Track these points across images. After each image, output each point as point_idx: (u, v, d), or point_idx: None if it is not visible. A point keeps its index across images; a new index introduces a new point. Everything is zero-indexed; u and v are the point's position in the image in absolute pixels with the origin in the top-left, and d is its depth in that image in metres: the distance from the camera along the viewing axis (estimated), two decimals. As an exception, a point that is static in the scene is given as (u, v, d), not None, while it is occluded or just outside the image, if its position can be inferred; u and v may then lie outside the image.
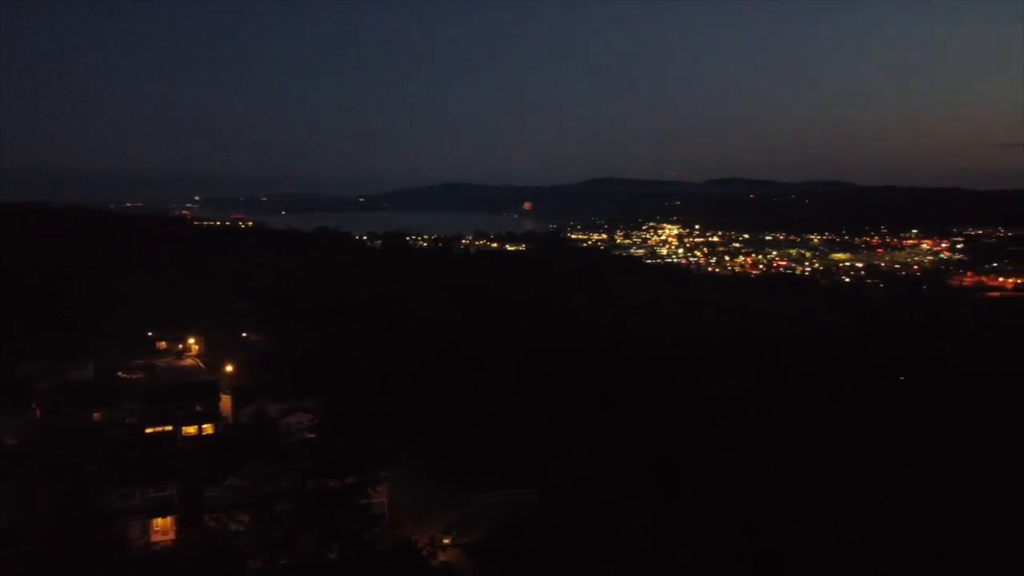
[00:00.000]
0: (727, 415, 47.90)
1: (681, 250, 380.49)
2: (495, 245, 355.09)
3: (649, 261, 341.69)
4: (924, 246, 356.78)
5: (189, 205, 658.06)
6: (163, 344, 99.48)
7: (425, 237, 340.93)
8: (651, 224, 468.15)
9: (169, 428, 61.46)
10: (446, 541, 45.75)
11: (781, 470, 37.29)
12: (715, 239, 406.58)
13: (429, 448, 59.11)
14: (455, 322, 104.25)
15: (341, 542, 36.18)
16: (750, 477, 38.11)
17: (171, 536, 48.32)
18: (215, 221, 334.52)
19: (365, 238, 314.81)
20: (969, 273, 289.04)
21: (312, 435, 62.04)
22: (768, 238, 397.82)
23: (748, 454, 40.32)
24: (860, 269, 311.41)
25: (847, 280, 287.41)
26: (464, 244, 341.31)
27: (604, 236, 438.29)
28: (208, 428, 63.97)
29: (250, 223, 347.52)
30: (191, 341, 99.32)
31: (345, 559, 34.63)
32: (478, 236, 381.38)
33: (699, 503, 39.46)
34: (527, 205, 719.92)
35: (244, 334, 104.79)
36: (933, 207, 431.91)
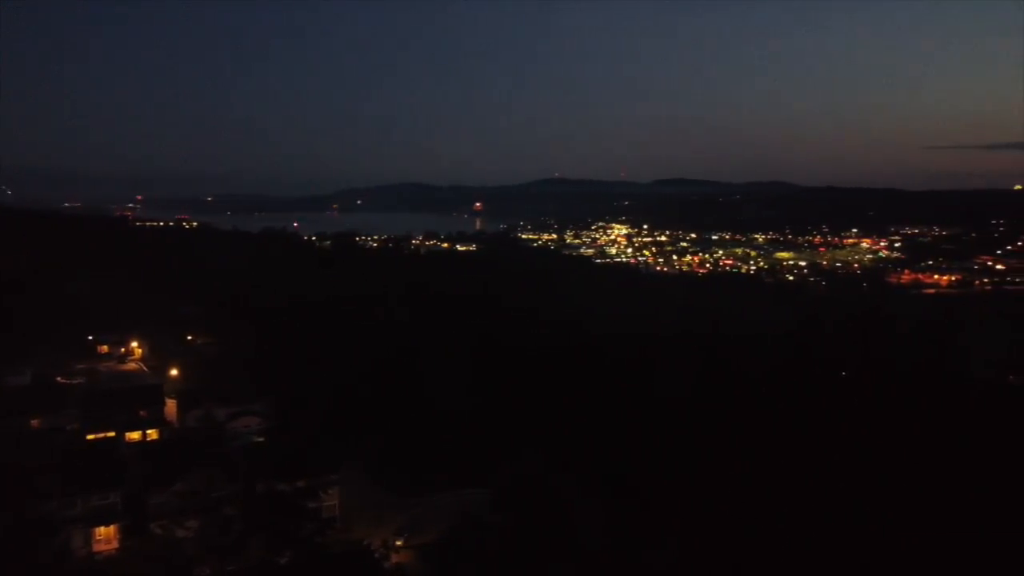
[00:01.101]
0: (677, 413, 48.78)
1: (630, 250, 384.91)
2: (446, 245, 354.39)
3: (599, 261, 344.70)
4: (864, 245, 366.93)
5: (131, 205, 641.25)
6: (104, 348, 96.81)
7: (375, 237, 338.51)
8: (600, 224, 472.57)
9: (111, 434, 59.98)
10: (398, 543, 45.62)
11: (731, 466, 38.12)
12: (663, 239, 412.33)
13: (381, 450, 58.81)
14: (405, 323, 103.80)
15: (291, 546, 35.90)
16: (701, 474, 38.89)
17: (115, 545, 47.16)
18: (158, 221, 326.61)
19: (314, 239, 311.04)
20: (906, 271, 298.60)
21: (261, 439, 61.42)
22: (714, 237, 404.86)
23: (698, 451, 41.15)
24: (803, 267, 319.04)
25: (791, 278, 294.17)
26: (414, 244, 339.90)
27: (554, 236, 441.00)
28: (153, 433, 62.54)
29: (195, 223, 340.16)
30: (134, 344, 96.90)
31: (296, 563, 34.39)
32: (428, 236, 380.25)
33: (651, 500, 40.12)
34: (478, 205, 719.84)
35: (190, 337, 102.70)
36: (871, 207, 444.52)
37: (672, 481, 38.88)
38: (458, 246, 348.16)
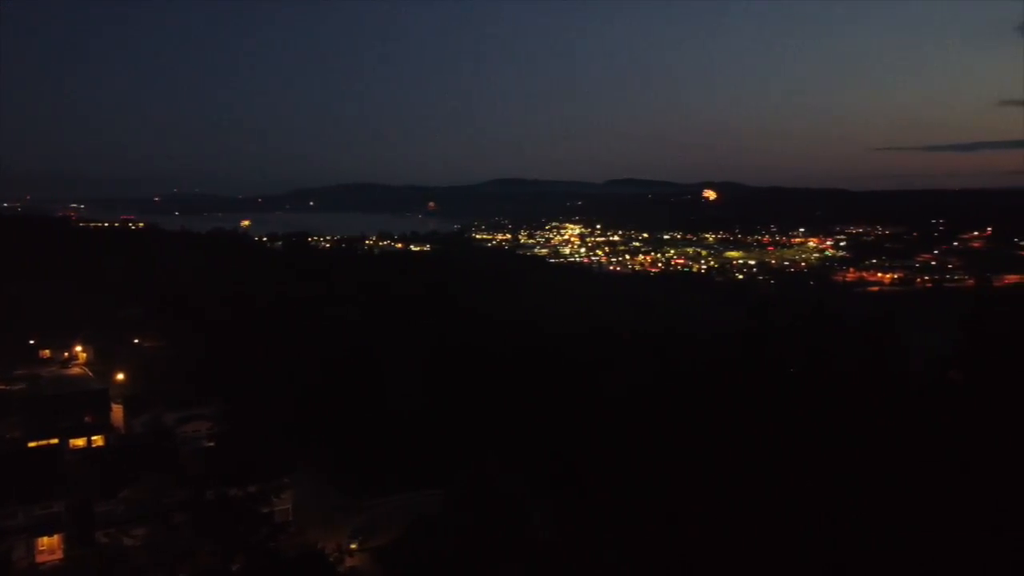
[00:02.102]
0: (630, 411, 49.32)
1: (583, 249, 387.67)
2: (399, 246, 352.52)
3: (553, 260, 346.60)
4: (810, 244, 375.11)
5: (74, 205, 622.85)
6: (47, 352, 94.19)
7: (327, 238, 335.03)
8: (554, 224, 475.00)
9: (55, 441, 58.43)
10: (353, 546, 45.30)
11: (684, 465, 38.62)
12: (616, 238, 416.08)
13: (334, 452, 58.33)
14: (359, 324, 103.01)
15: (243, 552, 35.39)
16: (654, 472, 39.34)
17: (59, 555, 45.95)
18: (102, 222, 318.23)
19: (265, 239, 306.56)
20: (851, 269, 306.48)
21: (211, 443, 60.41)
22: (666, 237, 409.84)
23: (651, 449, 41.64)
24: (752, 266, 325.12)
25: (740, 277, 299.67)
26: (367, 245, 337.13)
27: (508, 236, 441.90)
28: (98, 440, 61.10)
29: (141, 224, 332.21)
30: (78, 349, 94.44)
31: (247, 570, 33.88)
32: (382, 237, 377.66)
33: (606, 498, 40.47)
34: (431, 205, 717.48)
35: (136, 340, 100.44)
36: (818, 207, 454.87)
37: (627, 479, 39.31)
38: (412, 246, 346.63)
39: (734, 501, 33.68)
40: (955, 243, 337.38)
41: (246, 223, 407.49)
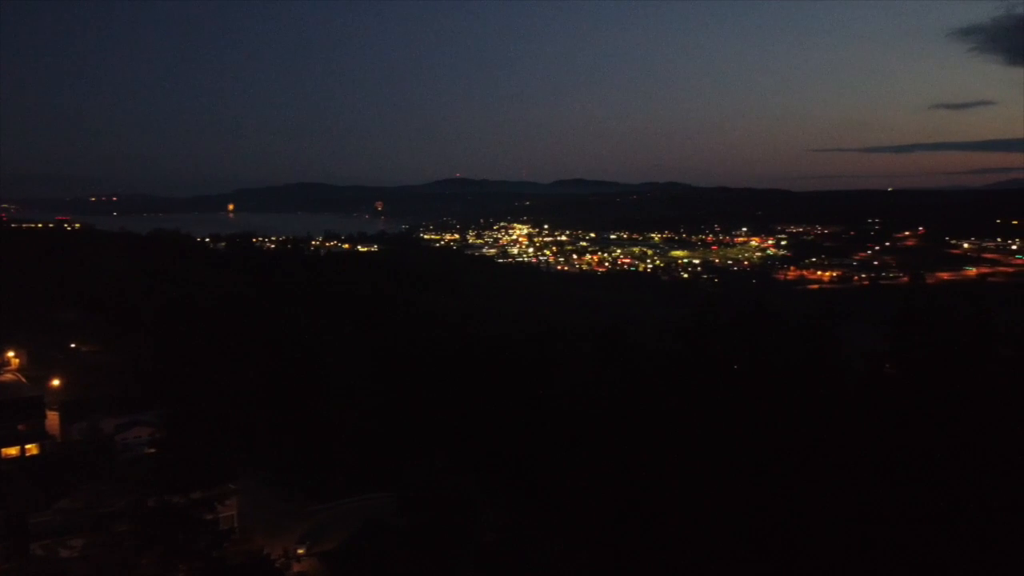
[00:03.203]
0: (578, 410, 49.69)
1: (531, 249, 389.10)
2: (346, 246, 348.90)
3: (501, 260, 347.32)
4: (753, 243, 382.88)
5: (5, 206, 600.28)
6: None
7: (272, 239, 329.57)
8: (502, 224, 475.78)
9: (-15, 450, 56.33)
10: (300, 551, 44.70)
11: (631, 461, 39.07)
12: (563, 238, 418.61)
13: (280, 457, 57.43)
14: (304, 325, 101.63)
15: (187, 561, 34.67)
16: (602, 470, 39.71)
17: (-9, 568, 44.30)
18: (36, 223, 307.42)
19: (207, 240, 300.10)
20: (792, 268, 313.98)
21: (152, 450, 58.83)
22: (613, 237, 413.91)
23: (599, 447, 42.02)
24: (697, 265, 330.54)
25: (685, 276, 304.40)
26: (314, 245, 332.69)
27: (456, 236, 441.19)
28: (32, 448, 59.03)
29: (77, 225, 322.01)
30: (10, 354, 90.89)
31: (192, 578, 33.22)
32: (328, 237, 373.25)
33: (554, 497, 40.71)
34: (379, 205, 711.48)
35: (73, 345, 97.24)
36: (760, 207, 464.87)
37: (574, 477, 39.60)
38: (359, 247, 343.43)
39: (682, 496, 34.26)
40: (890, 242, 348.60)
41: (188, 225, 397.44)
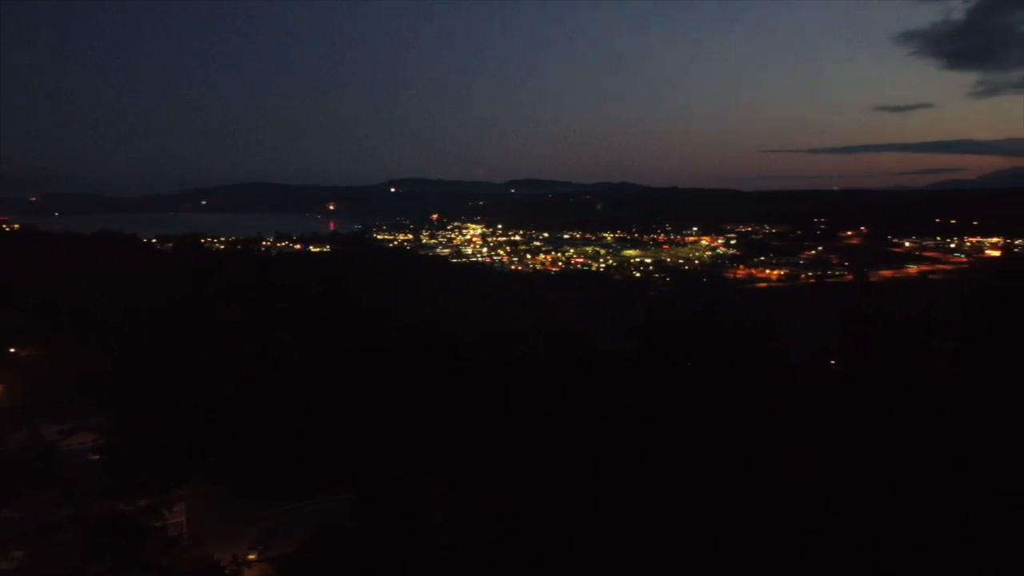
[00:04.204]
0: (535, 410, 49.85)
1: (485, 249, 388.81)
2: (298, 247, 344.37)
3: (455, 260, 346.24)
4: (704, 242, 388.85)
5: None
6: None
7: (222, 239, 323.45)
8: (456, 224, 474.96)
9: (-81, 460, 54.22)
10: (251, 557, 44.03)
11: (589, 462, 39.34)
12: (517, 238, 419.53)
13: (233, 460, 56.40)
14: (255, 326, 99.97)
15: (133, 570, 33.85)
16: (558, 470, 39.91)
17: (-74, 582, 42.64)
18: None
19: (155, 240, 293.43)
20: (741, 266, 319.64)
21: (97, 456, 57.37)
22: (566, 236, 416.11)
23: (555, 447, 42.22)
24: (649, 264, 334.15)
25: (638, 275, 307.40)
26: (265, 246, 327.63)
27: (410, 236, 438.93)
28: (-31, 457, 57.04)
29: (16, 225, 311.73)
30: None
31: (139, 587, 32.41)
32: (280, 237, 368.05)
33: (513, 499, 40.78)
34: (331, 206, 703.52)
35: (12, 349, 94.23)
36: (710, 206, 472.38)
37: (531, 478, 39.71)
38: (311, 247, 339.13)
39: (636, 496, 34.61)
40: (835, 241, 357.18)
41: (136, 225, 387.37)
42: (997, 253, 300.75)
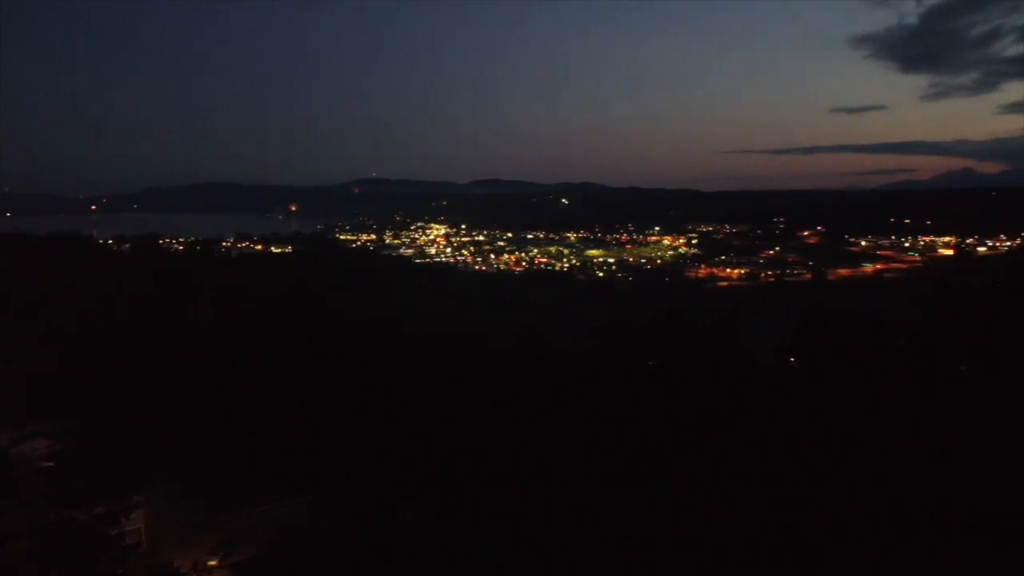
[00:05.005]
0: (499, 411, 49.86)
1: (449, 249, 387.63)
2: (259, 247, 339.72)
3: (418, 261, 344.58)
4: (665, 242, 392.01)
5: None
6: None
7: (181, 240, 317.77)
8: (419, 224, 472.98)
9: None
10: (211, 563, 43.31)
11: (552, 462, 39.43)
12: (481, 238, 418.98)
13: (193, 465, 55.44)
14: (216, 327, 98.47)
15: (89, 578, 33.15)
16: (522, 469, 39.95)
17: None
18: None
19: (111, 241, 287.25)
20: (703, 266, 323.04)
21: (51, 463, 55.97)
22: (530, 236, 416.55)
23: (518, 447, 42.26)
24: (612, 264, 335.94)
25: (601, 274, 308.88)
26: (225, 247, 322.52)
27: (373, 236, 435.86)
28: (-85, 466, 55.26)
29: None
30: None
31: (95, 596, 31.80)
32: (240, 238, 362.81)
33: (477, 500, 40.71)
34: (293, 206, 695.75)
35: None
36: (672, 206, 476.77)
37: (495, 479, 39.71)
38: (272, 247, 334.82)
39: (600, 493, 34.77)
40: (794, 240, 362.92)
41: (91, 225, 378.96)
42: (950, 252, 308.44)
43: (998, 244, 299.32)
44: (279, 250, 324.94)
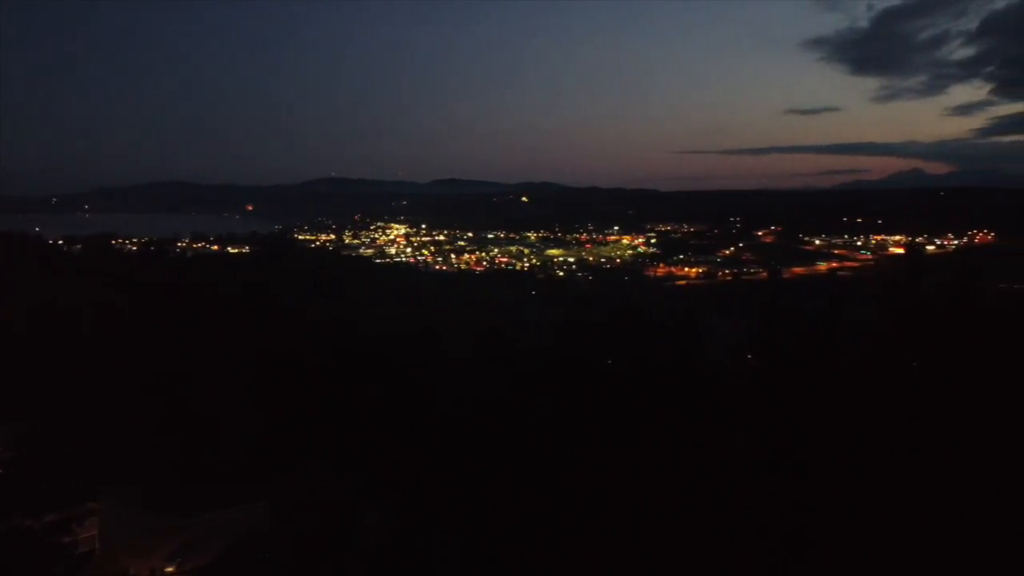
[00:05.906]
0: (460, 410, 49.80)
1: (409, 249, 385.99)
2: (215, 247, 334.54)
3: (379, 261, 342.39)
4: (625, 241, 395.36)
5: None
6: None
7: (135, 240, 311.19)
8: (379, 224, 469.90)
9: None
10: (169, 570, 42.53)
11: (516, 462, 39.53)
12: (441, 237, 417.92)
13: (150, 471, 54.34)
14: (171, 329, 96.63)
15: (42, 588, 32.34)
16: (485, 469, 39.97)
17: None
18: None
19: (61, 242, 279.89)
20: (661, 264, 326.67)
21: (0, 471, 54.43)
22: (490, 236, 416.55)
23: (483, 448, 42.28)
24: (572, 263, 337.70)
25: (561, 274, 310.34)
26: (180, 247, 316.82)
27: (332, 236, 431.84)
28: None
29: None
30: None
31: (48, 606, 31.04)
32: (196, 238, 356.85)
33: (441, 500, 40.62)
34: (250, 206, 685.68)
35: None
36: (630, 206, 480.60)
37: (462, 480, 39.66)
38: (229, 248, 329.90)
39: (561, 494, 34.94)
40: (750, 239, 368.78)
41: (40, 226, 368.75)
42: (900, 251, 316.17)
43: (946, 243, 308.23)
44: (236, 251, 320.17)
